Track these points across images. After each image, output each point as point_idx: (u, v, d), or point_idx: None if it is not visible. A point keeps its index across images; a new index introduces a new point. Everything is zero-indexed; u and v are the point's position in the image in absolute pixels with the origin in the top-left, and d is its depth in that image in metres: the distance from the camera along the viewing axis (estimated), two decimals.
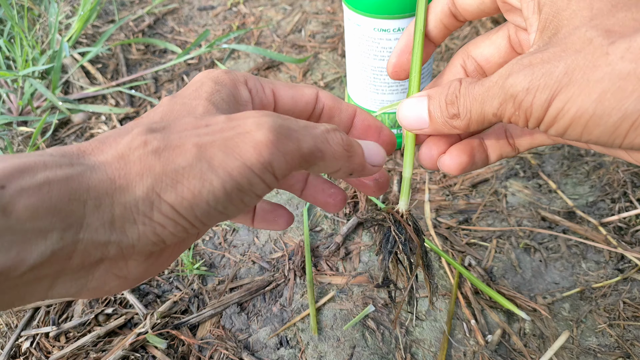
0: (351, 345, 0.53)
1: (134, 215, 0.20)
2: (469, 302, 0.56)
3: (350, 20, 0.61)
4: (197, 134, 0.21)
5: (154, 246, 0.21)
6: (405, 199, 0.31)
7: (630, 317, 0.53)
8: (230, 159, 0.21)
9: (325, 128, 0.25)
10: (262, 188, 0.22)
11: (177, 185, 0.20)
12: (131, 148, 0.21)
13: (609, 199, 0.65)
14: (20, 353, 0.55)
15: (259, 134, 0.21)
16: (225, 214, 0.22)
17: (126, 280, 0.23)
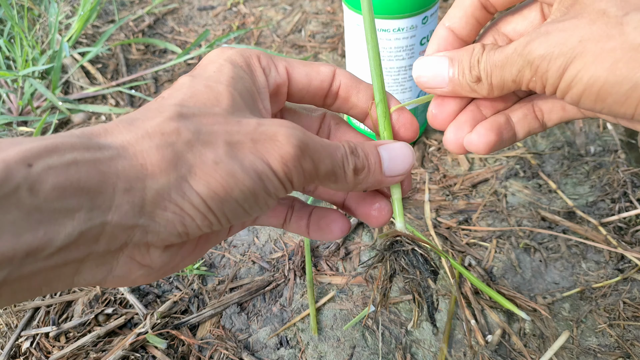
0: (351, 346, 0.53)
1: (166, 202, 0.20)
2: (469, 302, 0.56)
3: (350, 21, 0.61)
4: (227, 131, 0.22)
5: (178, 237, 0.21)
6: (402, 219, 0.30)
7: (630, 317, 0.53)
8: (259, 162, 0.21)
9: (343, 152, 0.25)
10: (283, 193, 0.23)
11: (209, 179, 0.20)
12: (164, 134, 0.21)
13: (609, 199, 0.65)
14: (20, 353, 0.55)
15: (288, 147, 0.22)
16: (249, 213, 0.23)
17: (150, 270, 0.23)
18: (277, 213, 0.32)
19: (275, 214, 0.32)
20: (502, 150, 0.74)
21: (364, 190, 0.27)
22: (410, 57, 0.61)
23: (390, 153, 0.28)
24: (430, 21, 0.59)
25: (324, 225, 0.31)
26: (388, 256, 0.29)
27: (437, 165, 0.73)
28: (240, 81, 0.25)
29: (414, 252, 0.28)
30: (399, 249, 0.29)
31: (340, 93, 0.30)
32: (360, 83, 0.30)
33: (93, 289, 0.61)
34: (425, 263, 0.28)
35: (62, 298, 0.60)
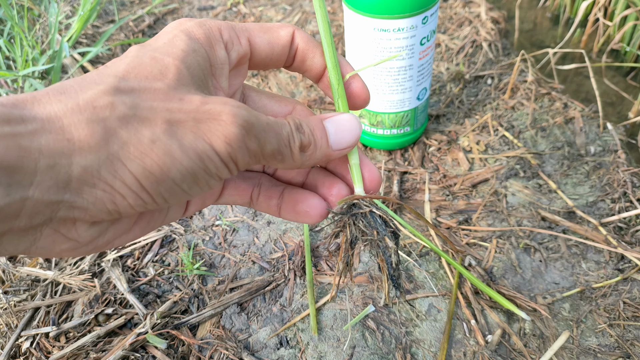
0: (351, 345, 0.53)
1: (94, 179, 0.19)
2: (469, 302, 0.56)
3: (350, 20, 0.61)
4: (168, 108, 0.21)
5: (108, 214, 0.20)
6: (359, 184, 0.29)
7: (630, 317, 0.53)
8: (200, 141, 0.21)
9: (289, 130, 0.24)
10: (226, 173, 0.22)
11: (144, 158, 0.20)
12: (95, 107, 0.19)
13: (609, 199, 0.65)
14: (20, 353, 0.55)
15: (232, 127, 0.21)
16: (189, 193, 0.22)
17: (77, 244, 0.22)
18: (242, 191, 0.30)
19: (239, 192, 0.30)
20: (502, 150, 0.74)
21: (312, 167, 0.26)
22: (411, 57, 0.61)
23: (336, 126, 0.27)
24: (430, 21, 0.59)
25: (301, 210, 0.30)
26: (347, 220, 0.28)
27: (437, 166, 0.73)
28: (193, 55, 0.24)
29: (372, 214, 0.28)
30: (356, 212, 0.28)
31: (298, 55, 0.29)
32: (317, 47, 0.30)
33: (93, 289, 0.61)
34: (384, 223, 0.28)
35: (62, 298, 0.60)
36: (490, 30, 0.99)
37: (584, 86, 0.86)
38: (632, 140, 0.75)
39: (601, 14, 0.93)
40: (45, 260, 0.65)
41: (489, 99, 0.84)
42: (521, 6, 1.08)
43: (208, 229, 0.68)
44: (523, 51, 0.86)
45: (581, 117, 0.78)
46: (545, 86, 0.85)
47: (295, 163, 0.25)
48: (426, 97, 0.70)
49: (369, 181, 0.30)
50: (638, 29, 0.87)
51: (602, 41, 0.93)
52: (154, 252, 0.65)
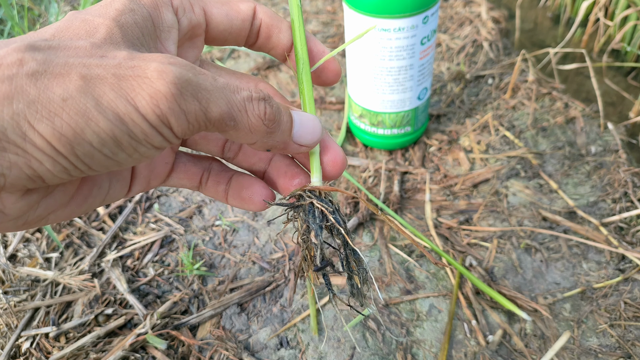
0: (352, 346, 0.53)
1: (3, 142, 0.17)
2: (470, 303, 0.56)
3: (350, 20, 0.61)
4: (86, 63, 0.19)
5: (30, 181, 0.19)
6: (318, 174, 0.27)
7: (631, 317, 0.53)
8: (122, 101, 0.18)
9: (247, 95, 0.22)
10: (160, 141, 0.20)
11: (54, 118, 0.18)
12: (2, 65, 0.18)
13: (610, 199, 0.65)
14: (20, 353, 0.55)
15: (159, 83, 0.19)
16: (116, 160, 0.20)
17: (3, 217, 0.20)
18: (191, 175, 0.29)
19: (189, 174, 0.29)
20: (503, 150, 0.74)
21: (267, 150, 0.25)
22: (411, 57, 0.61)
23: (301, 119, 0.25)
24: (430, 21, 0.59)
25: (246, 196, 0.28)
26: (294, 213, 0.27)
27: (438, 165, 0.73)
28: (130, 14, 0.22)
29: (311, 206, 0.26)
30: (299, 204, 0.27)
31: (262, 32, 0.28)
32: (282, 22, 0.28)
33: (93, 289, 0.61)
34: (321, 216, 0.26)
35: (62, 298, 0.60)
36: (491, 30, 0.99)
37: (584, 86, 0.86)
38: (633, 140, 0.75)
39: (602, 14, 0.93)
40: (45, 260, 0.65)
41: (490, 98, 0.83)
42: (522, 6, 1.08)
43: (208, 229, 0.68)
44: (524, 51, 0.86)
45: (582, 117, 0.78)
46: (546, 86, 0.84)
47: (252, 135, 0.23)
48: (427, 96, 0.69)
49: (332, 165, 0.28)
50: (639, 28, 0.87)
51: (602, 41, 0.93)
52: (154, 253, 0.65)
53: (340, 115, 0.83)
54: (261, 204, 0.28)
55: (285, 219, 0.28)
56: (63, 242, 0.67)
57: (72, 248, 0.67)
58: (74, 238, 0.68)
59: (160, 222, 0.69)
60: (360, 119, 0.72)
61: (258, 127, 0.22)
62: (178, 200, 0.72)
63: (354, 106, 0.72)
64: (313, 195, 0.27)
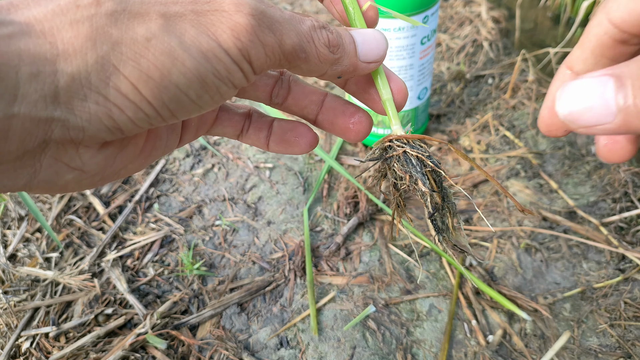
0: (352, 346, 0.53)
1: (85, 89, 0.16)
2: (470, 303, 0.56)
3: None
4: (163, 1, 0.18)
5: (108, 133, 0.18)
6: (397, 121, 0.26)
7: (631, 317, 0.53)
8: (204, 37, 0.18)
9: (312, 24, 0.21)
10: (239, 78, 0.19)
11: (140, 60, 0.17)
12: (79, 6, 0.17)
13: (610, 198, 0.65)
14: (20, 353, 0.55)
15: (239, 15, 0.18)
16: (199, 104, 0.19)
17: (82, 174, 0.19)
18: (234, 122, 0.28)
19: (231, 122, 0.28)
20: (503, 150, 0.74)
21: (338, 77, 0.24)
22: (411, 57, 0.61)
23: (363, 37, 0.24)
24: (430, 20, 0.59)
25: (290, 138, 0.28)
26: (383, 165, 0.26)
27: None
28: None
29: (405, 154, 0.26)
30: (389, 156, 0.26)
31: None
32: None
33: (93, 289, 0.60)
34: (420, 164, 0.26)
35: (62, 298, 0.60)
36: (491, 30, 0.98)
37: None
38: None
39: None
40: (45, 260, 0.65)
41: (490, 98, 0.83)
42: (522, 5, 1.08)
43: (208, 229, 0.68)
44: (524, 51, 0.86)
45: None
46: (546, 86, 0.84)
47: (321, 64, 0.22)
48: (427, 96, 0.69)
49: (397, 93, 0.27)
50: None
51: None
52: (154, 252, 0.65)
53: None
54: (306, 146, 0.28)
55: (374, 173, 0.27)
56: (63, 242, 0.67)
57: (72, 248, 0.67)
58: (74, 238, 0.68)
59: (160, 222, 0.69)
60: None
61: (326, 56, 0.22)
62: (178, 200, 0.72)
63: None
64: (402, 143, 0.26)
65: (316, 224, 0.66)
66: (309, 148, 0.28)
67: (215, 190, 0.73)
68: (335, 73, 0.23)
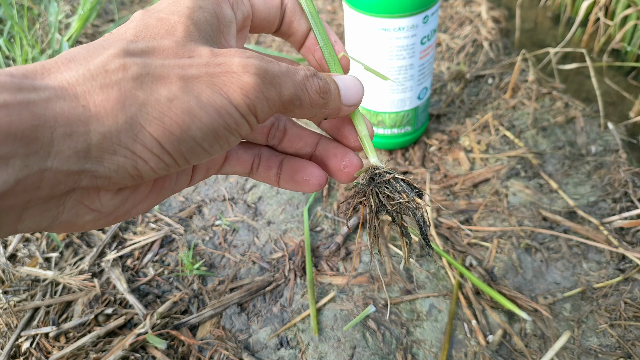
0: (352, 346, 0.53)
1: (114, 146, 0.18)
2: (470, 303, 0.56)
3: (350, 20, 0.61)
4: (180, 65, 0.20)
5: (131, 180, 0.20)
6: (374, 154, 0.29)
7: (631, 317, 0.53)
8: (218, 96, 0.20)
9: (304, 74, 0.24)
10: (246, 129, 0.22)
11: (164, 118, 0.19)
12: (107, 71, 0.19)
13: (610, 198, 0.65)
14: (20, 353, 0.55)
15: (246, 76, 0.21)
16: (210, 152, 0.21)
17: (100, 215, 0.21)
18: (243, 161, 0.30)
19: (240, 162, 0.30)
20: (503, 150, 0.74)
21: (325, 118, 0.27)
22: (411, 57, 0.61)
23: (345, 83, 0.27)
24: (431, 20, 0.59)
25: (299, 179, 0.29)
26: (370, 190, 0.29)
27: (438, 165, 0.72)
28: (200, 11, 0.23)
29: (396, 179, 0.28)
30: (380, 180, 0.28)
31: (286, 17, 0.29)
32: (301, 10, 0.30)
33: (93, 289, 0.60)
34: (409, 186, 0.28)
35: (62, 298, 0.60)
36: (491, 30, 0.98)
37: (585, 86, 0.86)
38: (633, 140, 0.75)
39: (602, 14, 0.93)
40: (45, 260, 0.65)
41: (490, 98, 0.83)
42: (522, 5, 1.08)
43: (208, 229, 0.68)
44: (524, 50, 0.86)
45: (582, 117, 0.77)
46: (546, 86, 0.84)
47: (312, 109, 0.25)
48: (427, 96, 0.69)
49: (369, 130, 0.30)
50: (639, 28, 0.87)
51: (603, 41, 0.93)
52: (154, 252, 0.65)
53: None
54: (316, 185, 0.30)
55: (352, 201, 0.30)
56: (63, 242, 0.67)
57: (72, 248, 0.67)
58: (74, 238, 0.68)
59: (160, 221, 0.69)
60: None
61: (317, 102, 0.24)
62: (178, 200, 0.72)
63: None
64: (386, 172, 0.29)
65: (316, 224, 0.66)
66: (318, 187, 0.30)
67: (215, 190, 0.73)
68: (323, 115, 0.26)
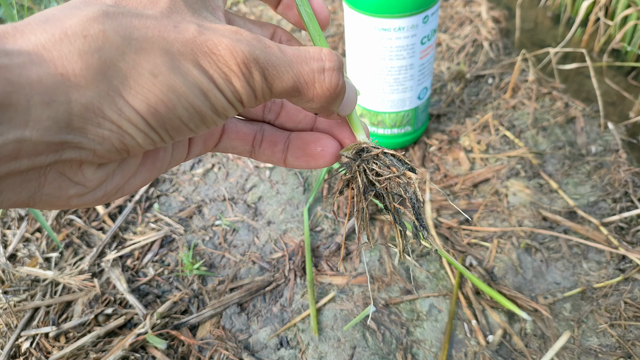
0: (352, 346, 0.53)
1: (99, 118, 0.18)
2: (470, 303, 0.56)
3: (350, 20, 0.61)
4: (165, 38, 0.19)
5: (117, 154, 0.19)
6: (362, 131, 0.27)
7: (631, 317, 0.53)
8: (204, 78, 0.19)
9: (319, 67, 0.22)
10: (233, 112, 0.21)
11: (148, 94, 0.18)
12: (86, 37, 0.17)
13: (610, 198, 0.65)
14: (20, 353, 0.55)
15: (232, 62, 0.19)
16: (195, 132, 0.21)
17: (85, 189, 0.20)
18: (243, 135, 0.28)
19: (240, 135, 0.28)
20: (503, 150, 0.74)
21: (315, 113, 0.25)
22: (412, 57, 0.61)
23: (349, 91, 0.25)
24: (431, 20, 0.59)
25: (315, 152, 0.27)
26: (356, 166, 0.26)
27: (438, 165, 0.72)
28: None
29: (385, 154, 0.26)
30: (367, 156, 0.26)
31: None
32: None
33: (93, 289, 0.60)
34: (399, 161, 0.26)
35: (61, 298, 0.60)
36: (491, 30, 0.98)
37: (585, 86, 0.86)
38: (633, 139, 0.74)
39: (602, 14, 0.93)
40: (45, 260, 0.65)
41: (490, 98, 0.83)
42: (522, 5, 1.08)
43: (208, 229, 0.68)
44: (524, 50, 0.86)
45: (582, 117, 0.77)
46: (546, 86, 0.84)
47: (313, 102, 0.23)
48: (427, 96, 0.69)
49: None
50: (639, 28, 0.87)
51: (603, 41, 0.93)
52: (154, 252, 0.65)
53: None
54: (331, 157, 0.27)
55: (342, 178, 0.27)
56: (63, 242, 0.67)
57: (72, 248, 0.67)
58: (74, 238, 0.68)
59: (160, 221, 0.69)
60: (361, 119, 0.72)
61: (322, 97, 0.23)
62: (178, 200, 0.72)
63: None
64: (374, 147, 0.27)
65: (316, 224, 0.66)
66: (334, 160, 0.27)
67: (215, 190, 0.73)
68: (314, 111, 0.24)
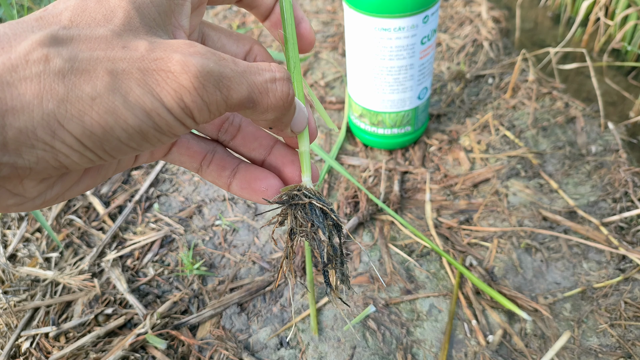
0: (352, 346, 0.53)
1: (32, 140, 0.18)
2: (470, 303, 0.56)
3: (350, 20, 0.61)
4: (111, 57, 0.19)
5: (55, 171, 0.19)
6: (309, 174, 0.27)
7: (631, 317, 0.53)
8: (148, 97, 0.19)
9: (270, 77, 0.22)
10: (182, 130, 0.20)
11: (84, 117, 0.18)
12: (28, 62, 0.18)
13: (611, 198, 0.65)
14: (20, 353, 0.55)
15: (183, 77, 0.19)
16: (139, 150, 0.20)
17: (24, 199, 0.21)
18: (193, 152, 0.28)
19: (189, 152, 0.28)
20: (503, 150, 0.74)
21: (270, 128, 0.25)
22: (411, 57, 0.61)
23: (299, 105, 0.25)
24: (431, 20, 0.59)
25: (258, 189, 0.27)
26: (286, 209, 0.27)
27: (438, 165, 0.72)
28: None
29: (311, 205, 0.26)
30: (296, 203, 0.27)
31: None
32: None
33: (93, 289, 0.60)
34: (322, 215, 0.26)
35: (61, 298, 0.60)
36: (491, 30, 0.98)
37: (585, 86, 0.86)
38: (634, 139, 0.74)
39: (602, 14, 0.93)
40: (45, 260, 0.65)
41: (490, 98, 0.83)
42: (522, 5, 1.08)
43: (208, 229, 0.68)
44: (524, 50, 0.86)
45: (582, 117, 0.77)
46: (547, 85, 0.84)
47: (268, 114, 0.23)
48: (427, 96, 0.69)
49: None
50: (639, 28, 0.87)
51: (603, 40, 0.93)
52: (154, 252, 0.65)
53: (340, 115, 0.83)
54: (271, 198, 0.28)
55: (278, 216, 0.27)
56: (63, 242, 0.67)
57: (72, 248, 0.67)
58: (74, 238, 0.68)
59: (160, 221, 0.69)
60: (361, 119, 0.72)
61: (276, 107, 0.22)
62: (178, 200, 0.72)
63: (354, 106, 0.72)
64: (310, 194, 0.27)
65: None
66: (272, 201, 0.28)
67: (215, 190, 0.73)
68: (269, 124, 0.24)
